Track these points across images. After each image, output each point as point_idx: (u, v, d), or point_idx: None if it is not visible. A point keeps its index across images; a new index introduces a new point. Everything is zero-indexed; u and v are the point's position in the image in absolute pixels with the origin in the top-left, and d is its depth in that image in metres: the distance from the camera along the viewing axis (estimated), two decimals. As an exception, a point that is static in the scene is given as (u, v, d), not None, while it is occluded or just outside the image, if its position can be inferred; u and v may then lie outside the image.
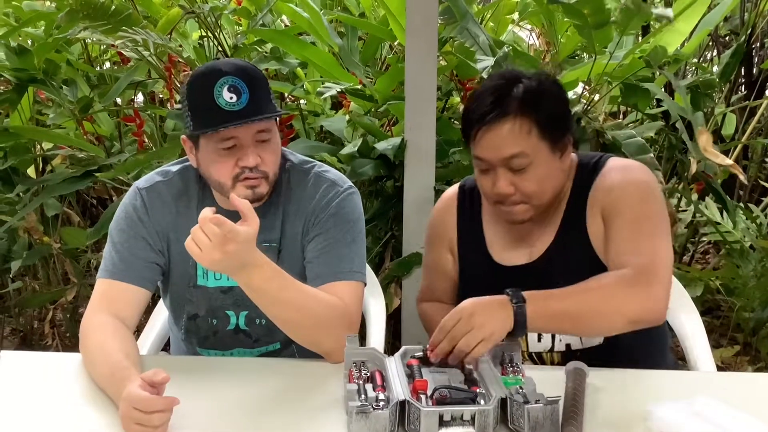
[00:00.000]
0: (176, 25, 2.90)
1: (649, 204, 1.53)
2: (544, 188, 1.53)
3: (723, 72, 3.21)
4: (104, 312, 1.51)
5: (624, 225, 1.50)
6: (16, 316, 3.37)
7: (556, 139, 1.51)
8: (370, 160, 2.56)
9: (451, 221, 1.72)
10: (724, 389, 1.43)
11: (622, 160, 1.62)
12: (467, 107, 1.55)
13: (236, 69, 1.48)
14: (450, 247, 1.72)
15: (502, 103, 1.48)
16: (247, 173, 1.50)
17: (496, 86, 1.52)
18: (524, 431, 1.19)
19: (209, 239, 1.26)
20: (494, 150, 1.49)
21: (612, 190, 1.54)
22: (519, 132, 1.47)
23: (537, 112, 1.48)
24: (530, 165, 1.49)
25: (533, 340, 1.60)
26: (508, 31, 3.68)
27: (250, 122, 1.46)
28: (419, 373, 1.33)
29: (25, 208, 2.84)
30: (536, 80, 1.52)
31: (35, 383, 1.45)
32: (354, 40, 3.12)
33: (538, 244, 1.61)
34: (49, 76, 2.88)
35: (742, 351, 3.06)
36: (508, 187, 1.51)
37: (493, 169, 1.51)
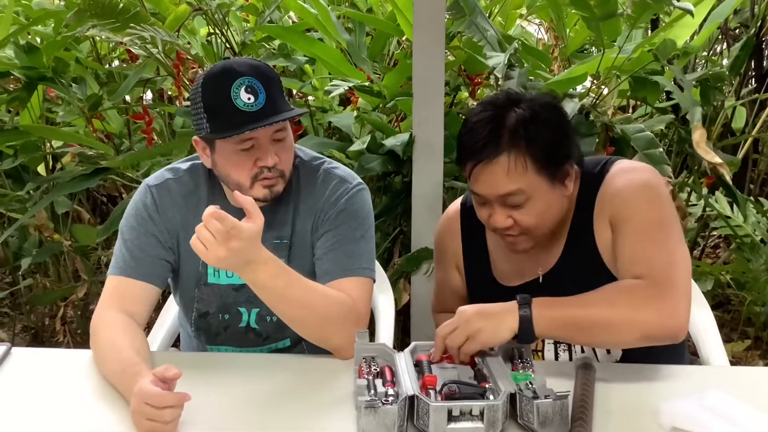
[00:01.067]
0: (184, 22, 2.91)
1: (657, 207, 1.45)
2: (545, 220, 1.46)
3: (733, 65, 3.19)
4: (115, 309, 1.52)
5: (633, 232, 1.42)
6: (28, 314, 3.39)
7: (554, 170, 1.43)
8: (378, 156, 2.56)
9: (455, 241, 1.68)
10: (735, 383, 1.42)
11: (627, 163, 1.54)
12: (461, 135, 1.47)
13: (251, 69, 1.48)
14: (457, 266, 1.69)
15: (494, 137, 1.40)
16: (266, 173, 1.50)
17: (488, 118, 1.43)
18: (533, 426, 1.19)
19: (213, 236, 1.26)
20: (488, 187, 1.43)
21: (617, 196, 1.47)
22: (513, 169, 1.40)
23: (531, 145, 1.39)
24: (528, 200, 1.42)
25: (550, 358, 1.58)
26: (516, 25, 3.67)
27: (271, 124, 1.45)
28: (428, 368, 1.33)
29: (36, 206, 2.85)
30: (530, 108, 1.43)
31: (46, 379, 1.46)
32: (362, 36, 3.11)
33: (544, 262, 1.56)
34: (59, 74, 2.89)
35: (753, 345, 3.05)
36: (505, 221, 1.45)
37: (489, 203, 1.46)
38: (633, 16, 2.52)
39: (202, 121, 1.50)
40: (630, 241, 1.42)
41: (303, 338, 1.54)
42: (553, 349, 1.57)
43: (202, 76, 1.51)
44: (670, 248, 1.41)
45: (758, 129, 3.37)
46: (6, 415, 1.33)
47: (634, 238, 1.42)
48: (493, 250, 1.64)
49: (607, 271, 1.48)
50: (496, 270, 1.63)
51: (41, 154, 3.15)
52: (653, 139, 2.38)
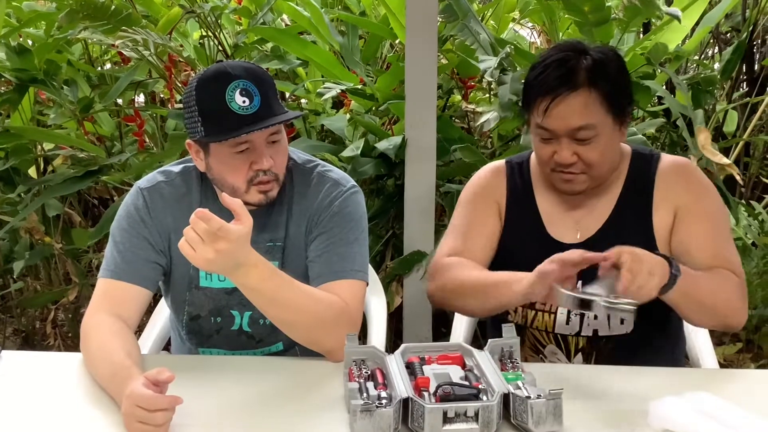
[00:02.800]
0: (176, 25, 2.90)
1: (722, 208, 1.63)
2: (606, 159, 1.55)
3: (724, 69, 3.20)
4: (105, 312, 1.51)
5: (709, 234, 1.56)
6: (18, 317, 3.37)
7: (620, 110, 1.54)
8: (371, 159, 2.56)
9: (501, 188, 1.71)
10: (726, 386, 1.43)
11: (677, 158, 1.67)
12: (531, 77, 1.56)
13: (245, 71, 1.47)
14: (499, 212, 1.70)
15: (572, 75, 1.49)
16: (261, 176, 1.50)
17: (564, 58, 1.52)
18: (528, 426, 1.19)
19: (200, 238, 1.26)
20: (562, 121, 1.50)
21: (691, 191, 1.59)
22: (589, 104, 1.49)
23: (605, 84, 1.50)
24: (595, 136, 1.51)
25: (561, 321, 1.61)
26: (508, 29, 3.68)
27: (266, 127, 1.45)
28: (420, 370, 1.33)
29: (27, 209, 2.84)
30: (602, 52, 1.54)
31: (37, 383, 1.45)
32: (355, 39, 3.12)
33: (589, 220, 1.63)
34: (50, 76, 2.88)
35: (745, 348, 3.06)
36: (570, 157, 1.53)
37: (557, 138, 1.53)
38: (625, 21, 2.53)
39: (196, 125, 1.49)
40: (708, 241, 1.56)
41: (296, 342, 1.53)
42: (566, 313, 1.61)
43: (196, 79, 1.50)
44: (734, 245, 1.60)
45: (749, 132, 3.39)
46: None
47: (711, 238, 1.56)
48: (541, 204, 1.68)
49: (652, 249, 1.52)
50: (546, 223, 1.67)
51: (32, 157, 3.14)
52: (645, 142, 2.39)
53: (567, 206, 1.65)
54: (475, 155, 2.52)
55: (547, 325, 1.63)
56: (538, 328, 1.64)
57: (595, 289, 1.35)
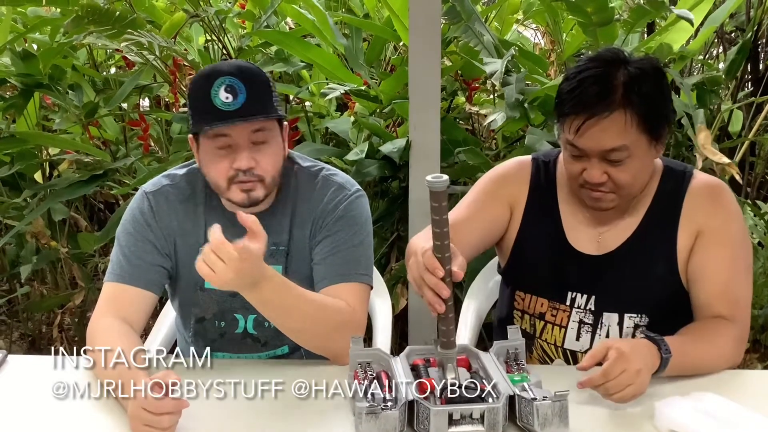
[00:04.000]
0: (180, 30, 2.91)
1: (746, 237, 1.57)
2: (637, 180, 1.50)
3: (729, 69, 3.19)
4: (111, 315, 1.51)
5: (725, 264, 1.51)
6: (25, 321, 3.38)
7: (656, 130, 1.46)
8: (375, 161, 2.56)
9: (522, 185, 1.65)
10: (733, 387, 1.42)
11: (710, 177, 1.61)
12: (564, 90, 1.47)
13: (236, 69, 1.48)
14: (511, 206, 1.65)
15: (607, 93, 1.42)
16: (241, 176, 1.49)
17: (599, 74, 1.44)
18: (533, 428, 1.19)
19: (224, 262, 1.25)
20: (595, 142, 1.44)
21: (714, 216, 1.53)
22: (623, 125, 1.42)
23: (641, 103, 1.42)
24: (628, 158, 1.45)
25: (571, 336, 1.60)
26: (512, 30, 3.67)
27: (241, 121, 1.45)
28: (425, 372, 1.33)
29: (32, 213, 2.84)
30: (639, 68, 1.45)
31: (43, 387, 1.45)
32: (358, 42, 3.11)
33: (611, 234, 1.58)
34: (55, 81, 2.89)
35: (752, 348, 3.04)
36: (600, 177, 1.47)
37: (587, 157, 1.47)
38: (630, 22, 2.53)
39: (189, 119, 1.53)
40: (722, 272, 1.51)
41: (301, 346, 1.54)
42: (577, 327, 1.59)
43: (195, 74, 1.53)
44: (749, 284, 1.55)
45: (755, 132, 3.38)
46: (3, 422, 1.32)
47: (726, 269, 1.52)
48: (562, 209, 1.62)
49: (674, 268, 1.54)
50: (566, 228, 1.62)
51: (38, 162, 3.15)
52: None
53: (590, 217, 1.60)
54: (479, 157, 2.52)
55: (557, 339, 1.61)
56: (547, 341, 1.62)
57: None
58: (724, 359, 1.48)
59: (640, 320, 1.56)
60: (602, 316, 1.57)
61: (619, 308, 1.57)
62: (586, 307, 1.58)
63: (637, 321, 1.56)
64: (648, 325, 1.56)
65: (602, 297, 1.57)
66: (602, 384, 1.27)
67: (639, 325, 1.56)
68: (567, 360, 1.61)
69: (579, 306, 1.58)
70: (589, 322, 1.58)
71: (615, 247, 1.57)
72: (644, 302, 1.56)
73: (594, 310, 1.57)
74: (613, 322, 1.57)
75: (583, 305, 1.58)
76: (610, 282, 1.56)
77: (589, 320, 1.58)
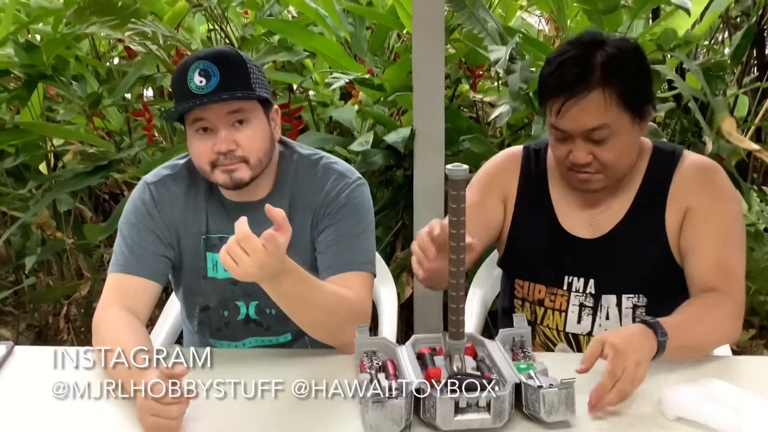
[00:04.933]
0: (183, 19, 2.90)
1: (738, 217, 1.56)
2: (622, 159, 1.51)
3: (734, 54, 3.17)
4: (116, 306, 1.52)
5: (716, 238, 1.51)
6: (31, 312, 3.39)
7: (637, 108, 1.48)
8: (380, 150, 2.55)
9: (511, 175, 1.68)
10: (739, 373, 1.43)
11: (701, 157, 1.61)
12: (544, 74, 1.51)
13: (211, 54, 1.49)
14: (503, 198, 1.67)
15: (586, 73, 1.44)
16: (222, 159, 1.49)
17: (577, 56, 1.47)
18: (540, 415, 1.19)
19: (248, 255, 1.24)
20: (577, 122, 1.46)
21: (702, 192, 1.54)
22: (603, 104, 1.44)
23: (620, 82, 1.44)
24: (611, 136, 1.47)
25: (572, 320, 1.61)
26: (516, 17, 3.65)
27: (211, 102, 1.45)
28: (431, 361, 1.33)
29: (38, 204, 2.85)
30: (617, 47, 1.48)
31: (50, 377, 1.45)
32: (362, 30, 3.10)
33: (604, 217, 1.60)
34: (59, 72, 2.88)
35: (758, 335, 3.04)
36: (586, 157, 1.49)
37: (572, 138, 1.49)
38: (634, 8, 2.52)
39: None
40: (712, 246, 1.51)
41: (305, 333, 1.54)
42: (578, 311, 1.60)
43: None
44: (742, 259, 1.54)
45: (761, 117, 3.36)
46: (10, 413, 1.33)
47: (717, 244, 1.51)
48: (554, 193, 1.64)
49: (665, 248, 1.55)
50: (557, 212, 1.64)
51: (42, 153, 3.15)
52: (656, 128, 2.37)
53: (582, 201, 1.61)
54: (484, 145, 2.51)
55: (558, 323, 1.62)
56: (548, 326, 1.63)
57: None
58: (722, 334, 1.48)
59: (638, 300, 1.57)
60: (601, 299, 1.59)
61: (617, 290, 1.58)
62: (585, 291, 1.60)
63: (635, 301, 1.57)
64: (647, 305, 1.57)
65: (600, 279, 1.59)
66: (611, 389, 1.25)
67: (637, 305, 1.58)
68: (569, 343, 1.63)
69: (577, 290, 1.60)
70: (589, 305, 1.60)
71: (609, 229, 1.59)
72: (641, 282, 1.57)
73: (593, 293, 1.59)
74: (612, 303, 1.58)
75: (581, 289, 1.60)
76: (606, 264, 1.58)
77: (589, 303, 1.60)
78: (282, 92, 3.08)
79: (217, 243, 1.59)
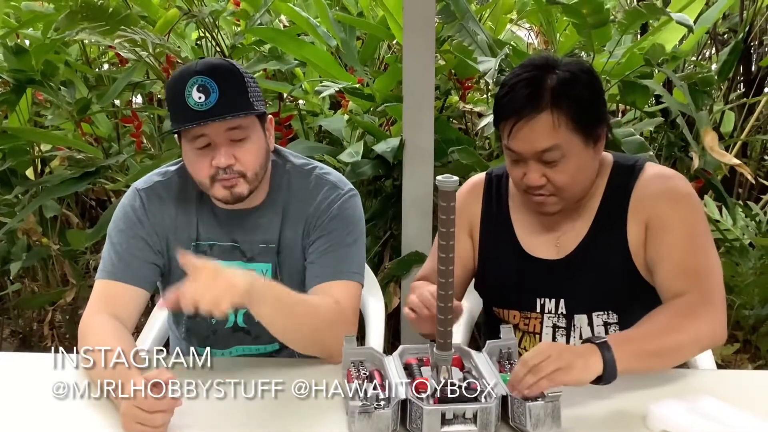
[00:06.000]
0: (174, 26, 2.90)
1: (699, 219, 1.54)
2: (576, 181, 1.51)
3: (721, 69, 3.20)
4: (103, 312, 1.51)
5: (677, 242, 1.50)
6: (15, 318, 3.37)
7: (589, 131, 1.49)
8: (369, 160, 2.56)
9: (474, 206, 1.69)
10: (724, 387, 1.43)
11: (662, 168, 1.61)
12: (498, 96, 1.52)
13: (208, 68, 1.48)
14: (470, 231, 1.69)
15: (536, 96, 1.45)
16: (222, 174, 1.50)
17: (529, 78, 1.48)
18: (526, 428, 1.19)
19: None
20: (527, 143, 1.47)
21: (660, 201, 1.53)
22: (552, 126, 1.45)
23: (570, 104, 1.45)
24: (563, 158, 1.47)
25: (547, 341, 1.59)
26: (506, 30, 3.68)
27: (213, 121, 1.45)
28: (419, 371, 1.33)
29: (24, 210, 2.83)
30: (569, 70, 1.49)
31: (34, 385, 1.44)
32: (352, 40, 3.11)
33: (567, 238, 1.60)
34: (47, 77, 2.87)
35: (742, 349, 3.06)
36: (539, 180, 1.49)
37: (524, 161, 1.50)
38: (624, 23, 2.54)
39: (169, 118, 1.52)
40: (676, 251, 1.49)
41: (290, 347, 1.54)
42: (551, 332, 1.60)
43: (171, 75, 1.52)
44: (710, 259, 1.50)
45: (747, 133, 3.39)
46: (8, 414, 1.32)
47: (680, 248, 1.49)
48: (516, 218, 1.65)
49: (629, 262, 1.54)
50: (519, 237, 1.64)
51: (30, 158, 3.13)
52: (643, 142, 2.39)
53: (544, 223, 1.61)
54: (473, 156, 2.52)
55: (534, 346, 1.61)
56: (525, 349, 1.63)
57: None
58: (699, 336, 1.41)
59: (609, 317, 1.57)
60: (573, 318, 1.59)
61: (587, 308, 1.58)
62: (557, 312, 1.60)
63: (605, 319, 1.57)
64: (618, 322, 1.57)
65: (569, 299, 1.59)
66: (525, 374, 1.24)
67: (608, 322, 1.57)
68: None
69: (549, 311, 1.60)
70: (562, 325, 1.59)
71: (572, 249, 1.59)
72: (608, 299, 1.57)
73: (564, 313, 1.59)
74: (584, 323, 1.58)
75: (553, 310, 1.60)
76: (573, 284, 1.58)
77: (562, 324, 1.59)
78: (272, 101, 3.09)
79: (207, 250, 1.59)
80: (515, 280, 1.62)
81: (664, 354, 1.40)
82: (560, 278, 1.58)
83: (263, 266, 1.60)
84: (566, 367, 1.25)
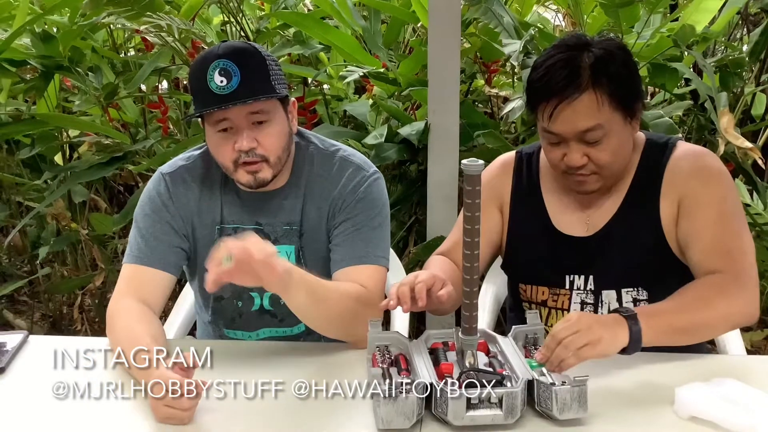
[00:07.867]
0: (199, 11, 2.90)
1: (732, 197, 1.54)
2: (617, 158, 1.51)
3: (752, 51, 3.13)
4: (130, 297, 1.52)
5: (710, 221, 1.50)
6: (46, 302, 3.41)
7: (629, 107, 1.48)
8: (394, 145, 2.55)
9: (505, 183, 1.69)
10: (753, 373, 1.41)
11: (694, 146, 1.61)
12: (533, 79, 1.50)
13: (230, 51, 1.48)
14: (499, 206, 1.69)
15: (575, 75, 1.44)
16: (244, 157, 1.50)
17: (565, 59, 1.46)
18: (552, 412, 1.19)
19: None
20: (570, 124, 1.46)
21: (694, 179, 1.53)
22: (595, 105, 1.44)
23: (610, 82, 1.45)
24: (605, 136, 1.47)
25: None
26: (532, 11, 3.63)
27: (234, 105, 1.45)
28: (444, 356, 1.33)
29: (53, 195, 2.87)
30: (603, 48, 1.48)
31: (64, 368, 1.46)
32: (377, 23, 3.09)
33: (597, 215, 1.59)
34: (75, 63, 2.89)
35: (771, 334, 3.02)
36: (581, 159, 1.49)
37: (565, 141, 1.49)
38: (652, 2, 2.50)
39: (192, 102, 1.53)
40: (709, 230, 1.49)
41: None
42: (579, 308, 1.59)
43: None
44: (744, 238, 1.51)
45: (779, 116, 3.33)
46: (24, 402, 1.34)
47: (713, 227, 1.50)
48: (547, 196, 1.65)
49: (661, 239, 1.54)
50: (551, 215, 1.64)
51: (58, 144, 3.17)
52: (672, 125, 2.35)
53: (575, 201, 1.61)
54: (499, 140, 2.50)
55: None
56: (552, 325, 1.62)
57: None
58: (730, 313, 1.43)
59: (638, 294, 1.57)
60: (602, 295, 1.58)
61: (616, 284, 1.58)
62: (586, 288, 1.60)
63: (634, 295, 1.57)
64: (648, 299, 1.56)
65: (598, 276, 1.58)
66: (555, 348, 1.25)
67: (638, 299, 1.57)
68: None
69: (578, 288, 1.60)
70: (590, 302, 1.59)
71: (602, 225, 1.59)
72: (638, 276, 1.57)
73: (593, 289, 1.59)
74: (612, 299, 1.58)
75: (582, 286, 1.60)
76: (603, 260, 1.57)
77: (590, 300, 1.59)
78: (296, 85, 3.08)
79: (231, 233, 1.60)
80: (545, 256, 1.62)
81: (693, 330, 1.40)
82: (590, 255, 1.58)
83: (287, 248, 1.61)
84: (595, 342, 1.26)
